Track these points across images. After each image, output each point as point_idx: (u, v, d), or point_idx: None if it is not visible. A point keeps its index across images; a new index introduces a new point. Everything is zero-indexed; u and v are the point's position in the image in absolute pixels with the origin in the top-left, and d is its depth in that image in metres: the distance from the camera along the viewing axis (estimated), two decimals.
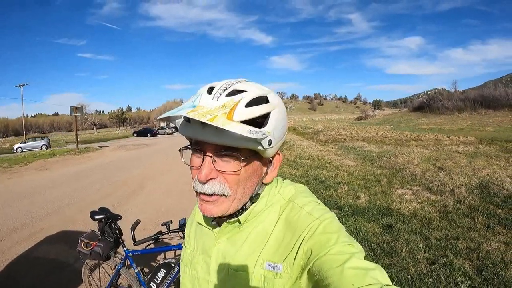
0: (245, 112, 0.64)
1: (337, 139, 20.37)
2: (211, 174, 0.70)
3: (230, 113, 0.63)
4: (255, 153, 0.72)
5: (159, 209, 6.30)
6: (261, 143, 0.67)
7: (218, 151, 0.69)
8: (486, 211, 5.28)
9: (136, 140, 35.94)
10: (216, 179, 0.71)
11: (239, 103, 0.65)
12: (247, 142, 0.66)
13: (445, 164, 9.53)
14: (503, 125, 26.62)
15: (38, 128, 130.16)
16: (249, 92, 0.68)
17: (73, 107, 22.11)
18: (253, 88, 0.71)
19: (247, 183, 0.74)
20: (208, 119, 0.60)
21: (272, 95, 0.72)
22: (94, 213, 2.62)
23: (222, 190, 0.71)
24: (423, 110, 48.27)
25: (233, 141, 0.65)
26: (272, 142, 0.69)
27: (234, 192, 0.72)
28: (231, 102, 0.65)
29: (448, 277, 3.31)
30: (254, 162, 0.74)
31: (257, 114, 0.66)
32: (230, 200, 0.73)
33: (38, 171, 12.10)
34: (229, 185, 0.71)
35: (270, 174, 0.79)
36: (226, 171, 0.70)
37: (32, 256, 4.33)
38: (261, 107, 0.68)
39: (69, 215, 6.06)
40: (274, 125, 0.69)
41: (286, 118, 0.76)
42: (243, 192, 0.74)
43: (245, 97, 0.67)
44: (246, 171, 0.72)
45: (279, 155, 0.80)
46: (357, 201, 6.17)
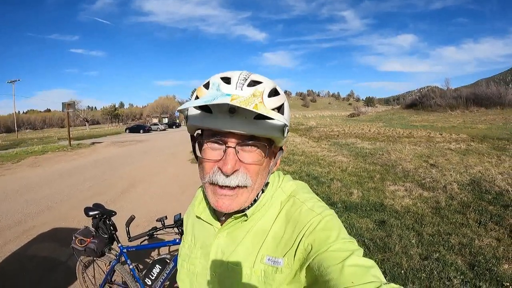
0: (272, 101, 0.68)
1: (330, 136, 20.46)
2: (236, 165, 0.69)
3: (263, 102, 0.64)
4: (271, 142, 0.73)
5: (153, 205, 6.29)
6: (284, 130, 0.71)
7: (243, 142, 0.69)
8: (478, 208, 5.33)
9: (128, 136, 35.71)
10: (239, 171, 0.70)
11: (264, 93, 0.67)
12: (273, 131, 0.68)
13: (438, 161, 9.60)
14: (495, 123, 26.85)
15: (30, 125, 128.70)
16: (266, 83, 0.70)
17: (65, 103, 21.88)
18: (267, 80, 0.72)
19: (264, 173, 0.76)
20: (253, 107, 0.59)
21: (278, 87, 0.74)
22: (88, 209, 2.61)
23: (245, 181, 0.71)
24: (416, 108, 48.61)
25: (262, 130, 0.67)
26: (288, 131, 0.73)
27: (254, 182, 0.73)
28: (257, 92, 0.66)
29: (441, 272, 3.35)
30: (271, 151, 0.76)
31: (278, 104, 0.69)
32: (249, 191, 0.73)
33: (30, 168, 11.98)
34: (251, 176, 0.71)
35: (278, 162, 0.82)
36: (249, 162, 0.70)
37: (25, 254, 4.29)
38: (279, 98, 0.70)
39: (62, 212, 6.02)
40: (287, 115, 0.72)
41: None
42: (260, 182, 0.75)
43: (266, 88, 0.68)
44: (266, 161, 0.74)
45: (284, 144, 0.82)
46: (350, 197, 6.20)
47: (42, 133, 68.63)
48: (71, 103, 23.21)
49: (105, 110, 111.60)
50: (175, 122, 66.91)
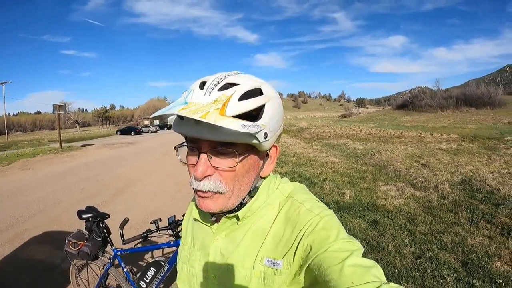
0: (238, 106, 0.63)
1: (322, 137, 20.55)
2: (207, 171, 0.69)
3: (223, 108, 0.61)
4: (251, 147, 0.70)
5: (146, 207, 6.26)
6: (256, 136, 0.65)
7: (214, 148, 0.68)
8: (469, 206, 5.39)
9: (120, 138, 35.50)
10: (212, 176, 0.70)
11: (232, 97, 0.64)
12: (242, 137, 0.64)
13: (429, 161, 9.69)
14: (485, 123, 27.18)
15: (21, 127, 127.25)
16: (242, 85, 0.67)
17: (56, 105, 21.63)
18: (246, 80, 0.69)
19: (244, 179, 0.73)
20: (200, 116, 0.58)
21: (266, 86, 0.71)
22: (81, 212, 2.59)
23: (217, 187, 0.70)
24: (407, 108, 48.95)
25: (228, 136, 0.64)
26: (268, 135, 0.68)
27: (231, 189, 0.71)
28: (223, 96, 0.64)
29: (434, 271, 3.38)
30: (251, 157, 0.72)
31: (251, 107, 0.65)
32: (226, 197, 0.72)
33: (21, 171, 11.84)
34: (225, 182, 0.70)
35: (268, 167, 0.78)
36: (222, 168, 0.69)
37: (18, 258, 4.24)
38: (255, 100, 0.66)
39: (54, 215, 5.96)
40: (270, 117, 0.68)
41: (282, 109, 0.74)
42: (240, 188, 0.73)
43: (238, 91, 0.65)
44: (243, 167, 0.71)
45: (276, 147, 0.78)
46: (342, 198, 6.22)
47: (32, 136, 67.91)
48: (62, 105, 22.99)
49: (96, 112, 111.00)
50: (166, 124, 66.54)
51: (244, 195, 0.75)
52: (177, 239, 2.45)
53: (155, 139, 30.52)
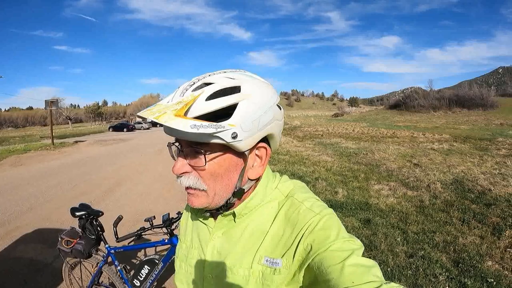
0: (203, 106, 0.63)
1: (314, 135, 20.58)
2: (184, 168, 0.71)
3: (182, 109, 0.62)
4: (228, 148, 0.68)
5: (139, 204, 6.23)
6: (219, 136, 0.63)
7: (188, 146, 0.70)
8: (461, 206, 5.44)
9: (112, 135, 35.23)
10: (190, 173, 0.71)
11: (198, 98, 0.64)
12: (203, 137, 0.64)
13: (421, 161, 9.75)
14: (477, 124, 27.43)
15: (12, 123, 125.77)
16: (215, 84, 0.66)
17: (48, 101, 21.40)
18: (224, 79, 0.68)
19: (224, 179, 0.72)
20: (154, 117, 0.60)
21: (248, 84, 0.68)
22: (75, 209, 2.57)
23: (195, 184, 0.71)
24: (399, 108, 49.25)
25: (189, 136, 0.65)
26: (240, 135, 0.65)
27: (211, 187, 0.72)
28: (191, 97, 0.65)
29: (426, 269, 3.41)
30: (228, 157, 0.71)
31: (218, 106, 0.64)
32: (208, 195, 0.72)
33: (12, 167, 11.72)
34: (203, 180, 0.71)
35: (256, 169, 0.76)
36: (194, 166, 0.71)
37: (10, 255, 4.20)
38: (225, 99, 0.65)
39: (46, 212, 5.91)
40: (242, 117, 0.65)
41: (273, 108, 0.71)
42: (221, 188, 0.73)
43: (206, 91, 0.65)
44: (220, 166, 0.71)
45: (266, 149, 0.75)
46: (335, 196, 6.25)
47: (24, 131, 67.33)
48: (54, 100, 22.73)
49: (88, 108, 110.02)
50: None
51: (227, 196, 0.74)
52: (171, 237, 2.44)
53: (148, 136, 30.34)
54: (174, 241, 2.43)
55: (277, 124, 0.73)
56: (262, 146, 0.74)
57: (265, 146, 0.75)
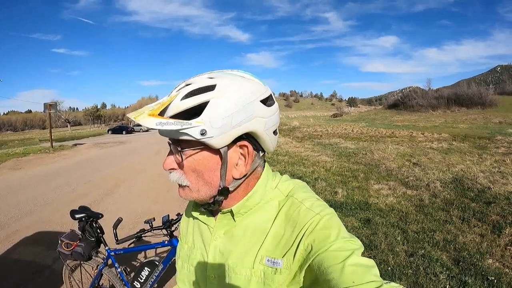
0: (177, 105, 0.67)
1: (313, 136, 20.53)
2: (171, 164, 0.75)
3: (158, 109, 0.68)
4: (204, 145, 0.69)
5: (138, 205, 6.22)
6: (187, 133, 0.65)
7: (173, 144, 0.73)
8: (461, 205, 5.44)
9: (111, 137, 35.21)
10: (176, 170, 0.75)
11: (175, 98, 0.68)
12: (172, 133, 0.68)
13: (420, 160, 9.75)
14: (476, 122, 27.40)
15: (11, 126, 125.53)
16: (193, 84, 0.69)
17: (47, 104, 21.40)
18: (201, 79, 0.70)
19: (205, 176, 0.73)
20: (134, 117, 0.67)
21: (225, 82, 0.68)
22: (74, 212, 2.57)
23: (179, 180, 0.75)
24: (398, 108, 49.11)
25: (168, 133, 0.69)
26: (210, 132, 0.65)
27: (194, 183, 0.74)
28: (169, 98, 0.70)
29: (427, 268, 3.41)
30: (205, 154, 0.71)
31: (189, 105, 0.66)
32: (193, 192, 0.75)
33: (11, 171, 11.70)
34: (186, 176, 0.74)
35: (240, 169, 0.74)
36: (176, 162, 0.74)
37: (10, 258, 4.20)
38: (196, 97, 0.66)
39: (46, 215, 5.90)
40: (212, 113, 0.65)
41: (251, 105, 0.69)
42: (204, 185, 0.74)
43: (183, 91, 0.69)
44: (199, 164, 0.72)
45: (247, 147, 0.73)
46: (335, 197, 6.25)
47: (23, 135, 67.27)
48: (53, 103, 22.75)
49: (87, 111, 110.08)
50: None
51: (212, 193, 0.74)
52: (171, 239, 2.44)
53: (147, 138, 30.30)
54: (174, 242, 2.42)
55: (260, 121, 0.71)
56: (244, 144, 0.72)
57: (246, 145, 0.73)
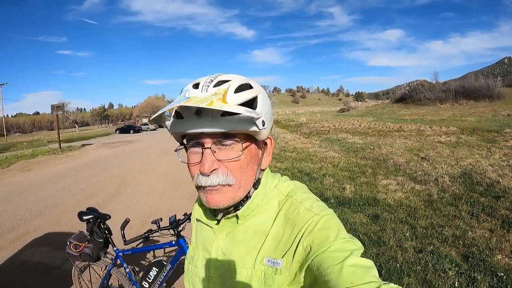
0: (235, 96, 0.67)
1: (321, 131, 20.52)
2: (214, 165, 0.71)
3: (224, 98, 0.65)
4: (250, 137, 0.73)
5: (146, 205, 6.27)
6: (256, 123, 0.68)
7: (217, 140, 0.71)
8: (470, 199, 5.39)
9: (119, 137, 35.45)
10: (218, 170, 0.72)
11: (228, 90, 0.68)
12: (243, 125, 0.68)
13: (428, 154, 9.69)
14: (484, 115, 27.19)
15: (19, 128, 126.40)
16: (233, 80, 0.71)
17: (54, 105, 21.57)
18: (237, 77, 0.73)
19: (249, 169, 0.75)
20: (206, 104, 0.62)
21: (253, 82, 0.75)
22: (82, 213, 2.58)
23: (226, 179, 0.72)
24: (405, 102, 48.86)
25: (231, 126, 0.68)
26: (266, 123, 0.70)
27: (238, 180, 0.74)
28: (220, 90, 0.68)
29: (435, 265, 3.39)
30: (252, 147, 0.75)
31: (246, 98, 0.69)
32: (235, 189, 0.74)
33: (21, 172, 11.82)
34: (233, 173, 0.72)
35: (266, 159, 0.81)
36: (227, 159, 0.72)
37: (19, 259, 4.25)
38: (249, 92, 0.70)
39: (55, 216, 5.96)
40: (263, 107, 0.72)
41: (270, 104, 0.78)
42: (246, 179, 0.75)
43: (232, 85, 0.69)
44: (246, 157, 0.74)
45: (271, 139, 0.82)
46: (343, 192, 6.23)
47: (31, 137, 67.74)
48: (60, 105, 22.90)
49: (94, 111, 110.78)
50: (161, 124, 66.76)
51: (249, 187, 0.78)
52: (178, 239, 2.44)
53: (154, 137, 30.46)
54: (181, 242, 2.43)
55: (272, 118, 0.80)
56: (268, 136, 0.80)
57: (270, 137, 0.81)
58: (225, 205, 0.74)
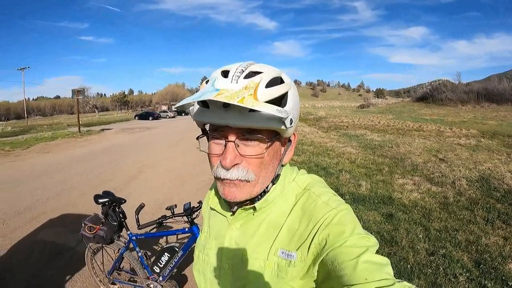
0: (267, 92, 0.65)
1: (339, 127, 20.32)
2: (236, 159, 0.70)
3: (255, 94, 0.63)
4: (275, 134, 0.72)
5: (161, 193, 6.35)
6: (284, 122, 0.66)
7: (241, 135, 0.69)
8: (486, 205, 5.29)
9: (138, 123, 35.81)
10: (240, 165, 0.71)
11: (260, 84, 0.65)
12: (271, 123, 0.66)
13: (447, 156, 9.51)
14: (506, 120, 26.49)
15: (40, 111, 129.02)
16: (265, 73, 0.68)
17: (75, 90, 21.94)
18: (269, 69, 0.70)
19: (269, 166, 0.74)
20: (238, 101, 0.60)
21: (284, 75, 0.72)
22: (98, 196, 2.64)
23: (246, 175, 0.71)
24: (426, 101, 47.95)
25: (258, 122, 0.66)
26: (293, 121, 0.69)
27: (258, 176, 0.73)
28: (252, 83, 0.65)
29: (446, 269, 3.35)
30: (276, 144, 0.74)
31: (277, 94, 0.67)
32: (252, 185, 0.73)
33: (40, 154, 12.09)
34: (253, 170, 0.71)
35: (288, 154, 0.81)
36: (250, 155, 0.70)
37: (34, 239, 4.36)
38: (280, 87, 0.68)
39: (71, 198, 6.10)
40: (292, 104, 0.70)
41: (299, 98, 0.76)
42: (265, 175, 0.75)
43: (264, 78, 0.67)
44: (269, 154, 0.72)
45: (295, 135, 0.81)
46: (358, 189, 6.19)
47: (51, 120, 69.07)
48: (81, 89, 23.28)
49: (114, 97, 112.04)
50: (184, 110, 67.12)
51: (268, 183, 0.77)
52: (191, 226, 2.48)
53: (173, 124, 30.71)
54: (194, 229, 2.46)
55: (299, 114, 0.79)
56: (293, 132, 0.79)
57: (294, 133, 0.80)
58: (241, 199, 0.74)
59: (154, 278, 2.59)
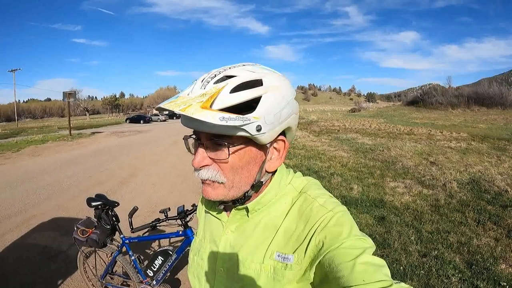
0: (228, 98, 0.63)
1: (331, 130, 20.39)
2: (204, 161, 0.71)
3: (208, 101, 0.62)
4: (249, 140, 0.69)
5: (154, 195, 6.31)
6: (244, 129, 0.63)
7: (209, 139, 0.69)
8: (477, 207, 5.35)
9: (129, 126, 35.57)
10: (210, 166, 0.71)
11: (222, 90, 0.63)
12: (227, 130, 0.64)
13: (438, 159, 9.61)
14: (495, 123, 26.80)
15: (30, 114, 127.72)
16: (239, 77, 0.66)
17: (66, 93, 21.72)
18: (245, 72, 0.68)
19: (244, 171, 0.72)
20: (180, 109, 0.60)
21: (269, 77, 0.69)
22: (91, 199, 2.62)
23: (215, 177, 0.71)
24: (417, 105, 48.35)
25: (214, 129, 0.64)
26: (264, 128, 0.65)
27: (230, 179, 0.72)
28: (214, 89, 0.64)
29: (439, 270, 3.38)
30: (250, 149, 0.71)
31: (243, 99, 0.63)
32: (226, 187, 0.72)
33: (30, 157, 11.96)
34: (223, 172, 0.71)
35: (274, 162, 0.76)
36: (216, 159, 0.70)
37: (25, 243, 4.31)
38: (249, 92, 0.65)
39: (62, 201, 6.03)
40: (266, 110, 0.65)
41: (292, 102, 0.71)
42: (241, 180, 0.73)
43: (231, 83, 0.65)
44: (241, 159, 0.71)
45: (284, 142, 0.75)
46: (350, 192, 6.22)
47: (42, 122, 68.41)
48: (72, 92, 23.05)
49: (105, 100, 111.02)
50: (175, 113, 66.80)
51: (246, 188, 0.75)
52: (185, 229, 2.47)
53: (164, 128, 30.56)
54: (188, 233, 2.46)
55: (294, 118, 0.74)
56: (281, 139, 0.75)
57: (283, 139, 0.75)
58: (216, 199, 0.74)
59: (147, 282, 2.57)
